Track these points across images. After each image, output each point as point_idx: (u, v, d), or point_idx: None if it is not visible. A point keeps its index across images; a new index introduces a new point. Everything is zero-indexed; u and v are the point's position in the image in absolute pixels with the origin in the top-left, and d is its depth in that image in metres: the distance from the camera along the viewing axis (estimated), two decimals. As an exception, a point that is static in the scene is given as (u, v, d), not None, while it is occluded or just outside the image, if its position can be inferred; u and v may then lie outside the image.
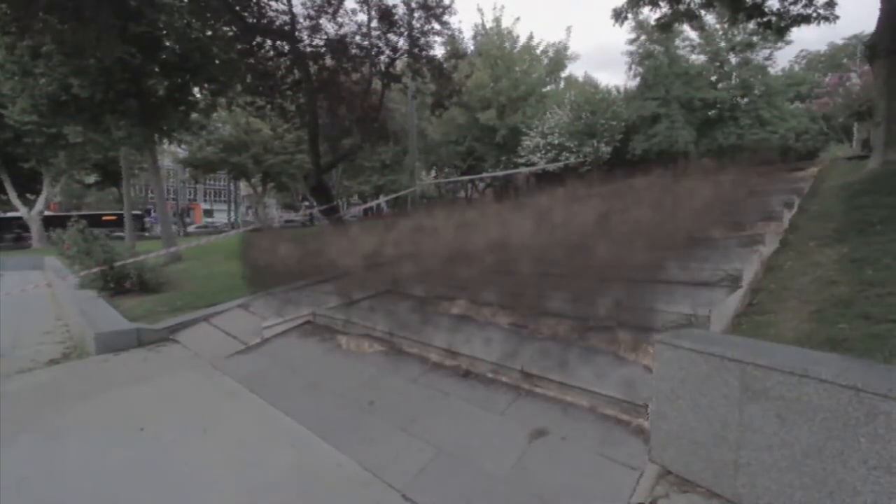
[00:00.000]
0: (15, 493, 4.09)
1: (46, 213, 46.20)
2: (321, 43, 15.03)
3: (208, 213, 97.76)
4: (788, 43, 33.51)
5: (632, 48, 40.54)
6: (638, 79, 41.08)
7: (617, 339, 5.66)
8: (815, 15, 16.01)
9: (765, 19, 17.21)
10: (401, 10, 14.76)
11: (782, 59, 38.55)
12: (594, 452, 4.01)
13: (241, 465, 4.40)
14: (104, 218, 54.25)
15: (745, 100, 37.16)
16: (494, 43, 40.93)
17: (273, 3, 14.20)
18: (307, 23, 14.62)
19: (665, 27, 19.19)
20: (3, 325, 10.38)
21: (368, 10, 14.55)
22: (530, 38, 42.15)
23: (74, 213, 46.58)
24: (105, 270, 12.50)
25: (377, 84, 15.97)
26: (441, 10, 14.85)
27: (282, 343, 8.04)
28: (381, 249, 13.28)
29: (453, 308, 8.02)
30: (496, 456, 4.16)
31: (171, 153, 60.15)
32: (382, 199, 43.28)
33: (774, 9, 16.80)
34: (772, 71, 38.29)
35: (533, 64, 42.12)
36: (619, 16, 18.41)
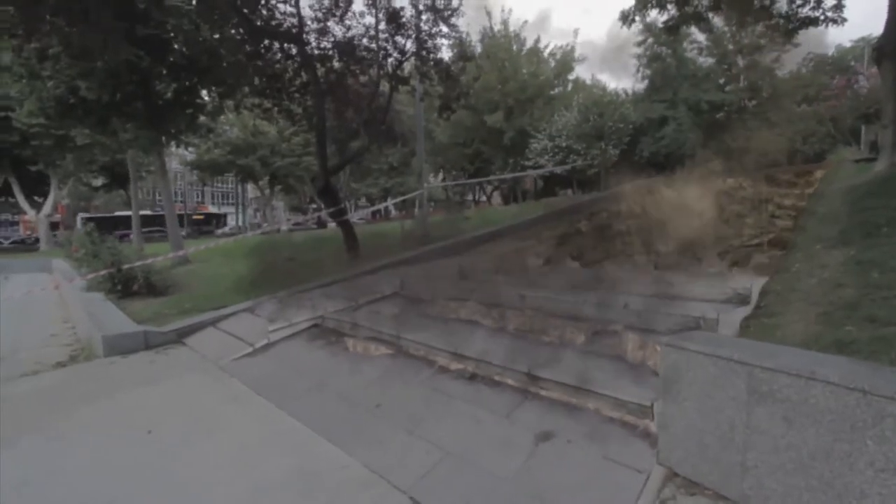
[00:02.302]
0: (20, 497, 4.10)
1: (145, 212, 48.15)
2: (329, 45, 15.04)
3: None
4: (796, 45, 33.43)
5: (639, 50, 40.63)
6: (646, 81, 41.15)
7: (623, 343, 5.66)
8: (822, 17, 16.00)
9: (773, 21, 17.20)
10: (409, 12, 14.77)
11: (790, 61, 38.30)
12: (600, 455, 4.01)
13: (247, 467, 4.41)
14: (193, 217, 70.08)
15: (753, 102, 37.17)
16: (502, 45, 40.93)
17: (281, 6, 14.21)
18: (315, 25, 14.63)
19: (673, 30, 19.18)
20: (10, 328, 10.41)
21: (376, 13, 14.54)
22: (537, 40, 42.14)
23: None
24: (112, 273, 12.53)
25: (385, 86, 15.96)
26: (449, 12, 14.83)
27: (288, 346, 8.05)
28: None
29: (461, 311, 8.02)
30: (502, 459, 4.16)
31: (178, 155, 60.29)
32: (390, 202, 43.27)
33: (782, 11, 16.79)
34: (779, 73, 38.29)
35: (540, 66, 42.13)
36: (626, 18, 18.39)
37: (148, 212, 57.44)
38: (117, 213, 54.49)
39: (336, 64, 15.50)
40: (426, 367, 6.25)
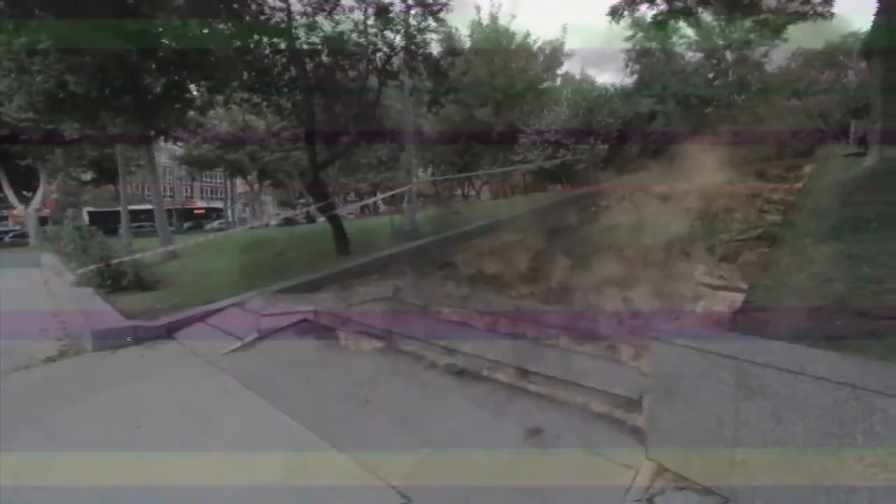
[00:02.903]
0: (11, 492, 4.08)
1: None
2: (318, 40, 15.00)
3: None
4: (785, 40, 33.50)
5: (628, 45, 40.63)
6: (635, 76, 41.13)
7: (613, 341, 5.67)
8: (811, 12, 16.05)
9: (761, 17, 17.26)
10: (397, 7, 14.72)
11: (778, 56, 38.35)
12: (590, 451, 4.01)
13: (237, 462, 4.40)
14: (196, 211, 74.38)
15: (742, 97, 37.21)
16: (491, 40, 40.83)
17: (270, 1, 14.16)
18: (304, 20, 14.58)
19: (662, 24, 19.20)
20: (-1, 323, 10.36)
21: (365, 8, 14.49)
22: (527, 35, 42.05)
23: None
24: (101, 268, 12.48)
25: (373, 81, 15.92)
26: (438, 7, 14.81)
27: (279, 340, 8.03)
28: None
29: (452, 313, 7.99)
30: (492, 453, 4.16)
31: (167, 150, 60.10)
32: (379, 197, 43.26)
33: (771, 6, 16.84)
34: (768, 68, 38.34)
35: (529, 61, 42.07)
36: (615, 13, 18.42)
37: (149, 206, 57.62)
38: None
39: (325, 59, 15.45)
40: (416, 363, 6.24)
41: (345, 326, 7.95)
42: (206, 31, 16.13)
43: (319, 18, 14.75)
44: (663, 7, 17.99)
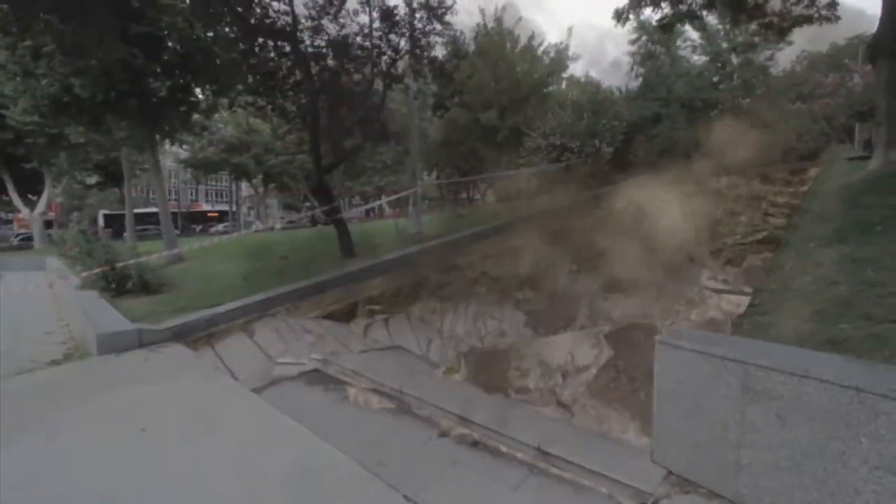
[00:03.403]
0: (16, 494, 4.09)
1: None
2: (323, 44, 15.01)
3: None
4: (790, 44, 33.46)
5: (633, 49, 40.67)
6: (639, 79, 41.15)
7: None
8: (816, 15, 16.01)
9: (766, 20, 17.22)
10: (402, 10, 14.76)
11: (783, 59, 38.40)
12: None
13: (242, 464, 4.40)
14: (209, 214, 77.72)
15: (747, 100, 37.21)
16: (496, 43, 40.80)
17: (275, 4, 14.16)
18: (309, 23, 14.59)
19: (667, 28, 19.18)
20: (4, 326, 10.36)
21: (370, 11, 14.51)
22: (531, 38, 42.01)
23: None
24: (106, 271, 12.49)
25: (379, 84, 15.92)
26: (443, 10, 14.82)
27: (288, 387, 7.92)
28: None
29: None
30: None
31: (172, 153, 60.18)
32: (384, 200, 43.28)
33: (776, 9, 16.80)
34: (773, 71, 38.35)
35: (534, 64, 42.03)
36: (620, 16, 18.39)
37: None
38: (137, 210, 54.72)
39: (330, 62, 15.47)
40: (429, 429, 6.02)
41: (355, 379, 7.72)
42: (210, 34, 16.18)
43: (324, 22, 14.79)
44: (668, 10, 17.97)
